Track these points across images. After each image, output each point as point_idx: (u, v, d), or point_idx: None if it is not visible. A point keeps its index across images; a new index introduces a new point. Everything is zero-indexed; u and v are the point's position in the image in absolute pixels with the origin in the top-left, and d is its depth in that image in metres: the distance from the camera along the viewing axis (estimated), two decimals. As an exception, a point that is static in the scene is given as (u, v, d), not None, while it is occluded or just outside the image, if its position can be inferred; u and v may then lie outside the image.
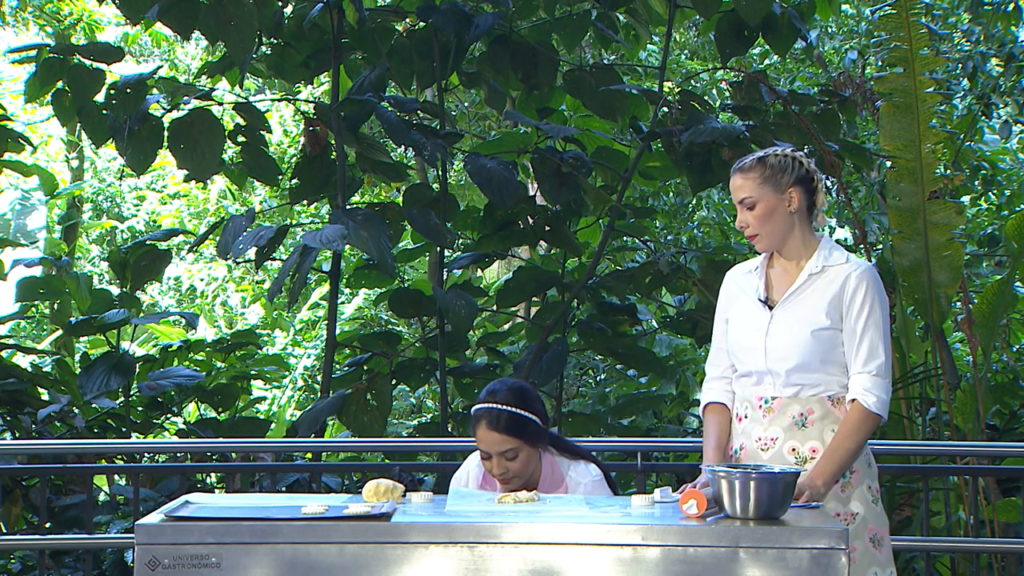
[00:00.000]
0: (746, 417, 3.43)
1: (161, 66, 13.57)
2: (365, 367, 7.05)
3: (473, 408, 3.59)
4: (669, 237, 10.96)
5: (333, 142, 7.14)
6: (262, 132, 7.39)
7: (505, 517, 2.87)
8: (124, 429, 7.15)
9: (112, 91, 6.79)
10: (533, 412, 3.53)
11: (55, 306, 10.13)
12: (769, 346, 3.36)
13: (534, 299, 8.14)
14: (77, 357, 9.11)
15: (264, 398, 12.62)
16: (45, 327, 13.97)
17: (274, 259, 7.22)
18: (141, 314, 7.74)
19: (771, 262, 3.50)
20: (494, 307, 7.91)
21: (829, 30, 12.32)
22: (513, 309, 8.42)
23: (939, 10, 10.27)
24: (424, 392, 11.75)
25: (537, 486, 3.55)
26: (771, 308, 3.41)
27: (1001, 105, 10.01)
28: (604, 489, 3.61)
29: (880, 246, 8.39)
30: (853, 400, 3.34)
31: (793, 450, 3.35)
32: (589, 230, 8.00)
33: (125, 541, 5.60)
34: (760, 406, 3.39)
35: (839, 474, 3.30)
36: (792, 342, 3.35)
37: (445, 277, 7.54)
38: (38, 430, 6.65)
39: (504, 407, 3.50)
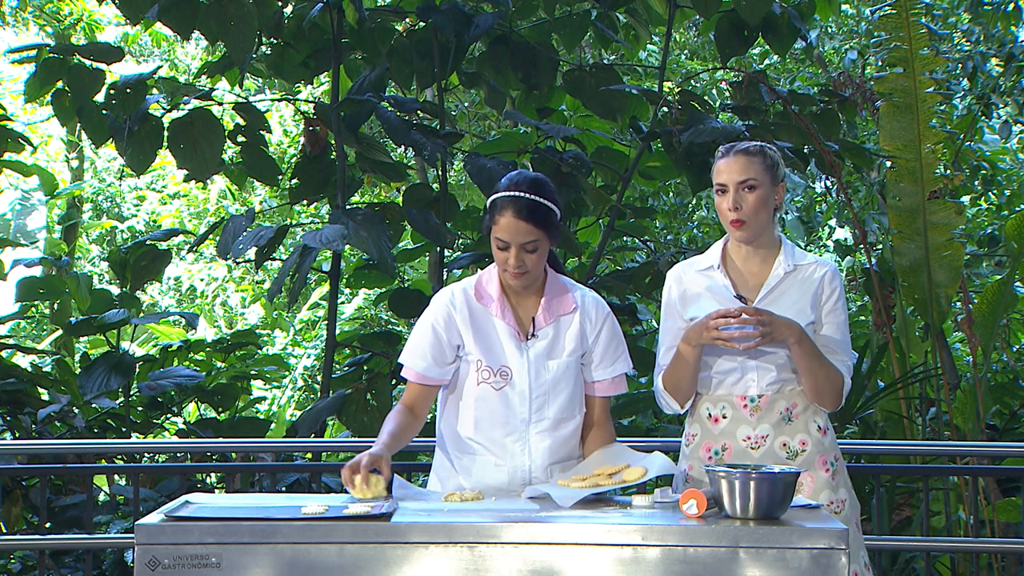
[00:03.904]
0: (724, 417, 3.43)
1: (161, 66, 13.59)
2: (365, 367, 7.05)
3: (493, 197, 3.42)
4: (669, 237, 10.97)
5: (333, 142, 7.15)
6: (262, 132, 7.39)
7: (505, 517, 2.87)
8: (124, 429, 7.15)
9: (112, 91, 6.79)
10: (556, 204, 3.43)
11: (55, 306, 10.12)
12: (775, 344, 3.36)
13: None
14: (77, 357, 9.11)
15: (264, 398, 12.63)
16: (45, 327, 13.97)
17: (274, 259, 7.22)
18: (141, 314, 7.74)
19: (727, 259, 3.50)
20: (494, 307, 7.90)
21: (829, 30, 12.34)
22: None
23: (939, 10, 10.28)
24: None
25: (544, 292, 3.47)
26: (747, 304, 3.41)
27: (1001, 105, 10.01)
28: (618, 328, 3.55)
29: (880, 246, 8.40)
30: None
31: (784, 445, 3.40)
32: (589, 230, 8.00)
33: (125, 541, 5.59)
34: (745, 405, 3.41)
35: (807, 357, 3.33)
36: None
37: (445, 277, 7.54)
38: (38, 430, 6.65)
39: (531, 196, 3.36)
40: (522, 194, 3.36)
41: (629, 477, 3.20)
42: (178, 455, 6.65)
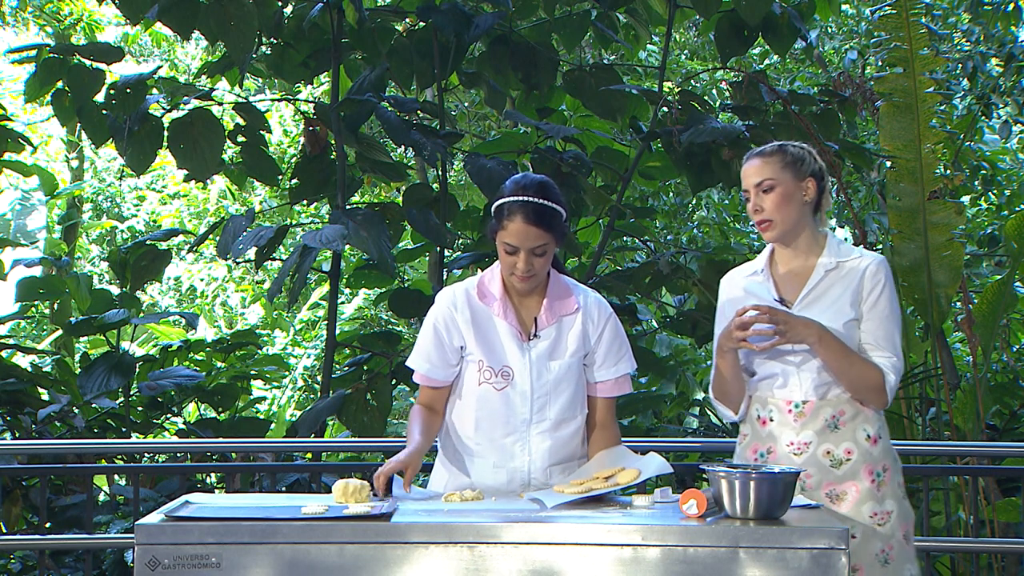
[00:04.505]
0: (771, 420, 3.38)
1: (161, 66, 13.60)
2: (365, 367, 7.05)
3: (500, 201, 3.39)
4: (669, 237, 10.96)
5: (333, 142, 7.15)
6: (262, 132, 7.39)
7: (505, 517, 2.87)
8: (124, 429, 7.15)
9: (112, 91, 6.80)
10: (562, 206, 3.41)
11: (55, 306, 10.13)
12: (798, 344, 3.31)
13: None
14: (77, 357, 9.12)
15: (264, 398, 12.63)
16: (45, 327, 13.98)
17: (274, 259, 7.22)
18: (141, 314, 7.74)
19: (773, 263, 3.48)
20: (494, 307, 7.90)
21: (829, 30, 12.34)
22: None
23: (939, 10, 10.29)
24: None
25: (546, 293, 3.47)
26: (789, 307, 3.37)
27: (1001, 105, 10.02)
28: (620, 329, 3.53)
29: (880, 246, 8.40)
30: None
31: (828, 453, 3.32)
32: (589, 230, 8.01)
33: (125, 541, 5.59)
34: (790, 410, 3.35)
35: (831, 357, 3.28)
36: None
37: (445, 277, 7.54)
38: (38, 430, 6.65)
39: (539, 199, 3.34)
40: (530, 198, 3.34)
41: (623, 480, 3.20)
42: (178, 455, 6.65)
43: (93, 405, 6.96)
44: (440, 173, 7.35)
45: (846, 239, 11.24)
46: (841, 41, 12.35)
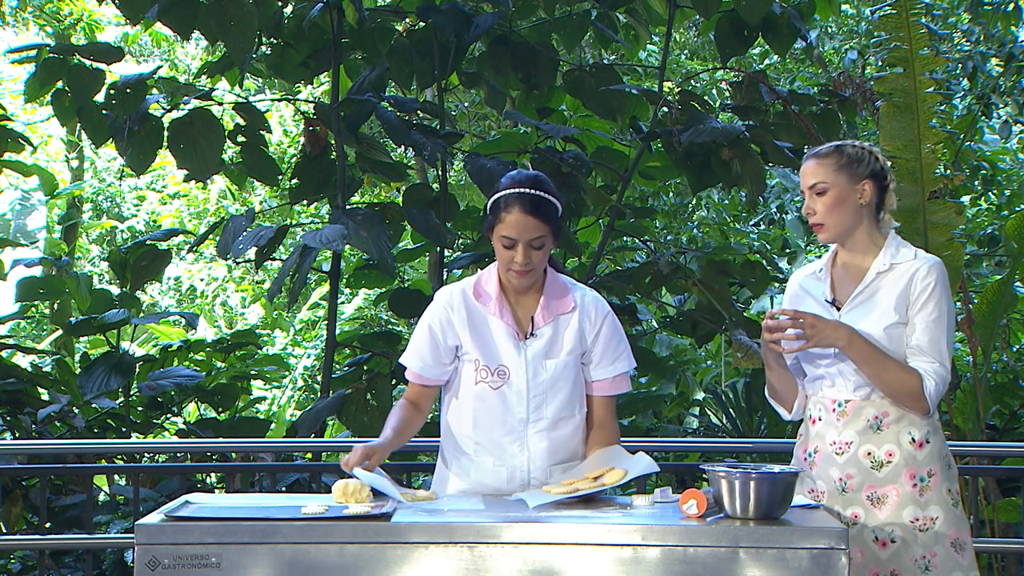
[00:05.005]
0: (820, 420, 3.36)
1: (161, 66, 13.60)
2: (365, 367, 7.06)
3: (497, 195, 3.41)
4: (669, 237, 10.96)
5: (333, 142, 7.15)
6: (262, 132, 7.40)
7: (505, 517, 2.87)
8: (124, 429, 7.16)
9: (112, 91, 6.80)
10: (558, 200, 3.43)
11: (55, 306, 10.14)
12: (828, 347, 3.29)
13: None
14: (77, 357, 9.12)
15: (264, 398, 12.63)
16: (45, 327, 13.97)
17: (274, 259, 7.22)
18: (141, 314, 7.75)
19: (834, 262, 3.45)
20: (494, 307, 7.90)
21: (829, 30, 12.35)
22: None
23: (939, 10, 10.29)
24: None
25: (543, 292, 3.47)
26: (838, 309, 3.34)
27: (1001, 105, 10.02)
28: (618, 327, 3.53)
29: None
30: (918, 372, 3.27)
31: (868, 454, 3.27)
32: (589, 230, 8.01)
33: (125, 541, 5.60)
34: (834, 409, 3.32)
35: (862, 361, 3.23)
36: None
37: (445, 277, 7.54)
38: (38, 430, 6.65)
39: (536, 191, 3.36)
40: (527, 190, 3.36)
41: (609, 480, 3.19)
42: (178, 455, 6.66)
43: (93, 405, 6.96)
44: (440, 173, 7.35)
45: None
46: (841, 41, 12.35)
